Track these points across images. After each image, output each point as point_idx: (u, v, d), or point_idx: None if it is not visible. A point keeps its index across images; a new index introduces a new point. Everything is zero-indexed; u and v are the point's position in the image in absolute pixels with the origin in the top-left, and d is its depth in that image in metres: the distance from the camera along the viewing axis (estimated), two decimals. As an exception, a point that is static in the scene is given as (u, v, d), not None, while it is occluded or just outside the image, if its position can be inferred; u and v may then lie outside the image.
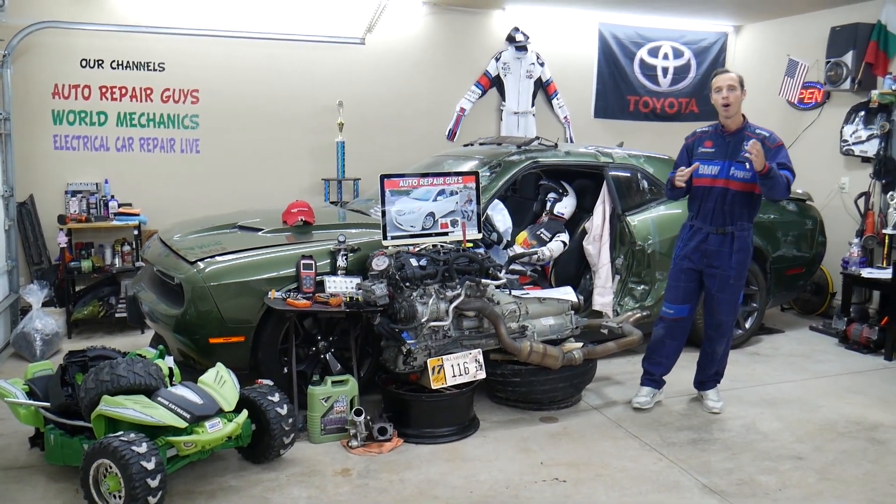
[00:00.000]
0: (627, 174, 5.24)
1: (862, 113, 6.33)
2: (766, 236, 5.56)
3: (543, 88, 7.32)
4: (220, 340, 3.91)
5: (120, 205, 5.88)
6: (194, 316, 3.91)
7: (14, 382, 3.45)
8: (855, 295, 6.13)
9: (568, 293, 4.56)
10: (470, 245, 4.27)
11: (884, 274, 5.69)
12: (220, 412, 3.28)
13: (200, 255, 4.08)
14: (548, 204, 5.32)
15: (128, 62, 6.04)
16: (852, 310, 6.00)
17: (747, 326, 5.67)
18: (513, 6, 7.01)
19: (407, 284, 3.86)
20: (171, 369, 3.61)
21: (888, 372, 5.19)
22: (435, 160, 5.61)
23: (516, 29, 7.08)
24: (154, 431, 3.10)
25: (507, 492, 3.32)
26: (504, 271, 4.40)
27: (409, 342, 3.79)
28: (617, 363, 5.11)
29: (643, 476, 3.51)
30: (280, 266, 4.04)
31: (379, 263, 3.90)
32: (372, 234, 4.34)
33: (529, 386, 4.20)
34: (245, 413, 3.35)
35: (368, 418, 3.76)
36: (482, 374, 3.96)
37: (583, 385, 4.45)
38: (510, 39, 7.10)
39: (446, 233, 4.24)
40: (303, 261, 3.95)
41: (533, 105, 7.26)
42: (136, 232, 5.82)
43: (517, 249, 5.05)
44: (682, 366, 4.51)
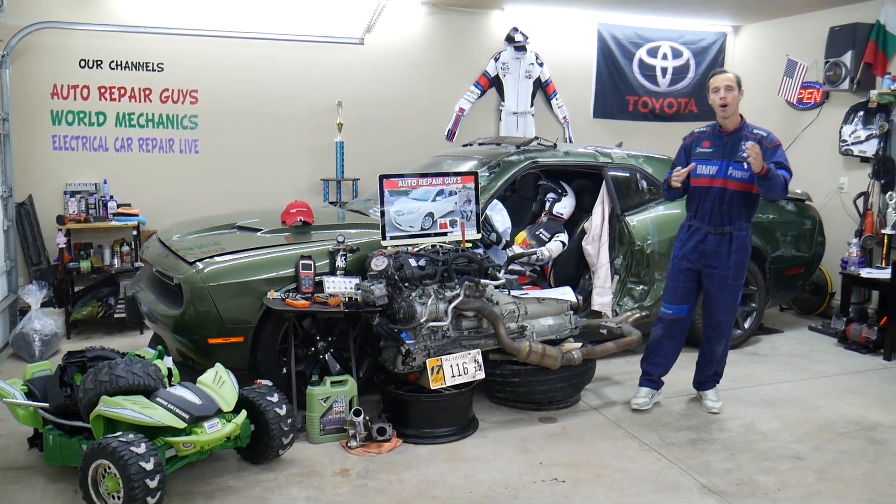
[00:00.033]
0: (626, 174, 5.24)
1: (861, 113, 6.33)
2: (765, 236, 5.56)
3: (542, 88, 7.32)
4: (219, 341, 3.91)
5: (119, 205, 5.87)
6: (193, 316, 3.91)
7: (13, 383, 3.45)
8: (854, 295, 6.13)
9: (567, 293, 4.56)
10: (469, 245, 4.27)
11: (883, 274, 5.69)
12: (219, 413, 3.28)
13: (199, 256, 4.08)
14: (547, 204, 5.32)
15: (127, 62, 6.03)
16: (851, 310, 6.00)
17: (746, 326, 5.67)
18: (512, 6, 7.01)
19: (406, 285, 3.86)
20: (170, 370, 3.60)
21: (887, 372, 5.19)
22: (434, 160, 5.61)
23: (515, 29, 7.08)
24: (153, 432, 3.10)
25: (506, 492, 3.32)
26: (503, 271, 4.40)
27: (408, 342, 3.79)
28: (616, 363, 5.11)
29: (642, 476, 3.51)
30: (279, 266, 4.04)
31: (378, 264, 3.90)
32: (371, 235, 4.33)
33: (528, 386, 4.20)
34: (244, 413, 3.35)
35: (367, 418, 3.76)
36: (481, 375, 3.96)
37: (582, 385, 4.45)
38: (509, 39, 7.10)
39: (445, 233, 4.24)
40: (302, 261, 3.95)
41: (532, 105, 7.26)
42: (135, 232, 5.82)
43: (516, 249, 5.04)
44: (681, 366, 4.51)
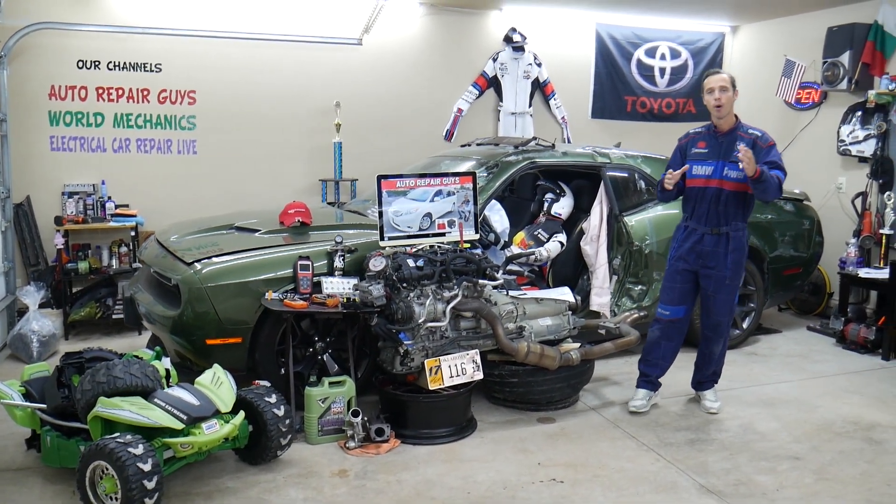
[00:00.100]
0: (625, 174, 5.24)
1: (859, 113, 6.34)
2: (764, 236, 5.56)
3: (541, 89, 7.32)
4: (218, 341, 3.90)
5: (117, 206, 5.87)
6: (191, 317, 3.90)
7: (10, 384, 3.44)
8: (852, 295, 6.13)
9: (565, 294, 4.56)
10: (467, 245, 4.27)
11: (881, 274, 5.69)
12: (217, 413, 3.27)
13: (197, 256, 4.08)
14: (545, 204, 5.32)
15: (124, 63, 6.03)
16: (850, 310, 6.00)
17: (745, 326, 5.68)
18: (510, 7, 7.01)
19: (404, 285, 3.85)
20: (168, 371, 3.60)
21: (885, 372, 5.20)
22: (432, 161, 5.61)
23: (513, 29, 7.08)
24: (151, 433, 3.09)
25: (505, 492, 3.32)
26: (501, 272, 4.40)
27: (407, 343, 3.79)
28: (614, 363, 5.11)
29: (640, 476, 3.51)
30: (277, 267, 4.03)
31: (376, 264, 3.90)
32: (369, 235, 4.33)
33: (527, 386, 4.20)
34: (242, 414, 3.35)
35: (366, 419, 3.76)
36: (479, 375, 3.95)
37: (580, 385, 4.45)
38: (507, 40, 7.10)
39: (443, 233, 4.24)
40: (300, 262, 3.95)
41: (530, 105, 7.26)
42: (133, 233, 5.81)
43: (514, 250, 5.04)
44: (680, 366, 4.51)
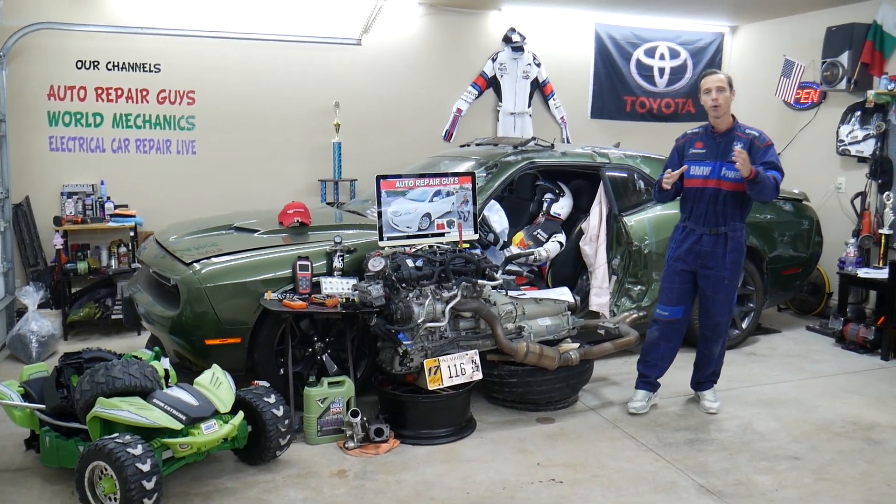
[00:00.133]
0: (624, 175, 5.24)
1: (858, 113, 6.34)
2: (763, 236, 5.57)
3: (540, 89, 7.32)
4: (217, 342, 3.90)
5: (116, 206, 5.86)
6: (190, 317, 3.90)
7: (9, 384, 3.44)
8: (851, 295, 6.13)
9: (564, 294, 4.56)
10: (466, 246, 4.27)
11: (880, 274, 5.70)
12: (216, 414, 3.27)
13: (196, 257, 4.08)
14: (544, 204, 5.32)
15: (124, 63, 6.03)
16: (849, 310, 6.00)
17: (744, 326, 5.68)
18: (509, 7, 7.01)
19: (403, 285, 3.85)
20: (167, 371, 3.60)
21: (884, 372, 5.20)
22: (431, 161, 5.61)
23: (513, 30, 7.08)
24: (150, 433, 3.09)
25: (504, 493, 3.32)
26: (500, 272, 4.39)
27: (406, 343, 3.79)
28: (613, 364, 5.11)
29: (640, 476, 3.51)
30: (276, 267, 4.03)
31: (375, 264, 3.90)
32: (368, 235, 4.33)
33: (526, 387, 4.20)
34: (241, 415, 3.35)
35: (365, 419, 3.76)
36: (479, 375, 3.95)
37: (579, 386, 4.45)
38: (506, 40, 7.10)
39: (443, 233, 4.24)
40: (299, 262, 3.95)
41: (529, 106, 7.26)
42: (133, 233, 5.81)
43: (514, 250, 5.04)
44: (679, 366, 4.51)
